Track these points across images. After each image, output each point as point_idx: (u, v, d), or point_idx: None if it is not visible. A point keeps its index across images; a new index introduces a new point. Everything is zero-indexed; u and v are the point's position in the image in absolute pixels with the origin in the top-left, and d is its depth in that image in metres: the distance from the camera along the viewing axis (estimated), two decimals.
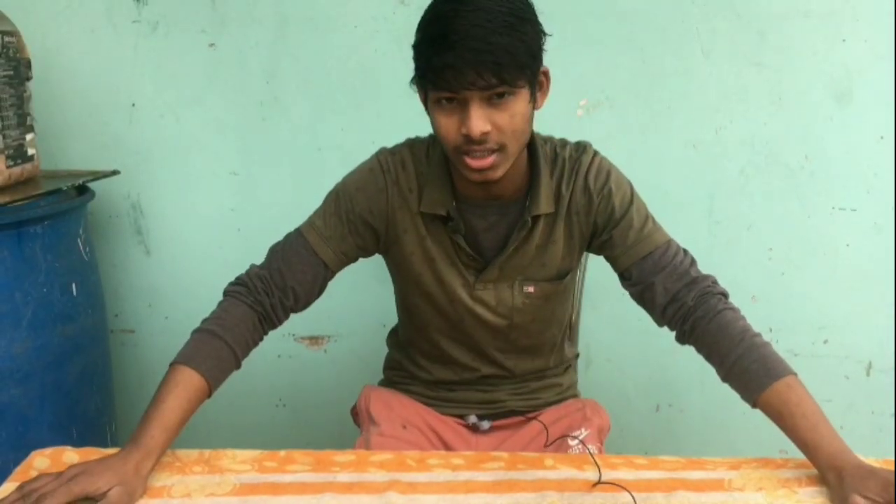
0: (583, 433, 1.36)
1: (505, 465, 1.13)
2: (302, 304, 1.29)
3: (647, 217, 1.30)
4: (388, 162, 1.29)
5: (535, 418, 1.42)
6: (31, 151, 1.70)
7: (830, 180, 1.96)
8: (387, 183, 1.28)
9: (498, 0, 1.09)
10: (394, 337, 1.54)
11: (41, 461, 1.11)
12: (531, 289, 1.33)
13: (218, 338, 1.18)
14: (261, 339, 1.26)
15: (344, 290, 1.44)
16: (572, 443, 1.34)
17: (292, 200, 1.98)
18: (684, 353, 1.30)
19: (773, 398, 1.12)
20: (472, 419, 1.43)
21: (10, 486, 1.03)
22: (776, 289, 2.02)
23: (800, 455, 1.11)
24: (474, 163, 1.14)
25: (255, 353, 1.25)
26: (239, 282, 1.27)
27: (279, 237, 1.32)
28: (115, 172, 1.88)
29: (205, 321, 1.22)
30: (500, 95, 1.10)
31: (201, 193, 2.02)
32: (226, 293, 1.26)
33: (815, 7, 1.87)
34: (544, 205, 1.27)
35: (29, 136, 1.70)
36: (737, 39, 1.89)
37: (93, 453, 1.13)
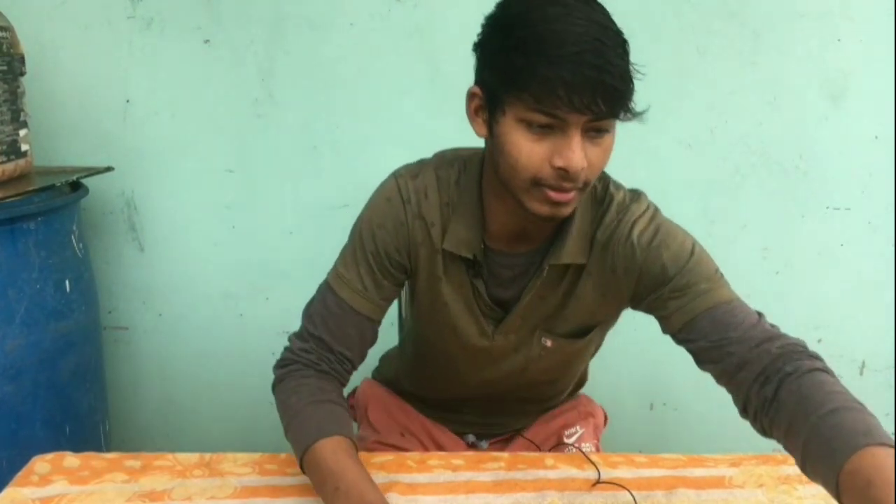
0: (578, 431, 1.36)
1: (505, 465, 1.13)
2: (358, 361, 1.16)
3: (712, 274, 1.06)
4: (407, 189, 1.11)
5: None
6: (24, 147, 1.69)
7: (825, 180, 1.97)
8: (407, 215, 1.11)
9: (604, 15, 0.94)
10: (390, 361, 1.46)
11: (42, 466, 1.10)
12: (549, 343, 1.18)
13: (321, 403, 1.06)
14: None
15: None
16: (568, 441, 1.34)
17: (287, 198, 1.98)
18: (678, 351, 1.30)
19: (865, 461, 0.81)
20: (471, 438, 1.39)
21: (12, 492, 1.03)
22: (770, 288, 2.03)
23: None
24: (557, 196, 0.97)
25: (251, 352, 1.24)
26: (286, 362, 1.13)
27: (274, 235, 1.30)
28: (108, 169, 1.87)
29: (288, 406, 1.07)
30: (599, 130, 0.96)
31: (196, 190, 2.01)
32: (280, 379, 1.12)
33: (810, 7, 1.87)
34: (572, 254, 1.09)
35: (22, 132, 1.68)
36: (732, 39, 1.89)
37: (93, 458, 1.12)
